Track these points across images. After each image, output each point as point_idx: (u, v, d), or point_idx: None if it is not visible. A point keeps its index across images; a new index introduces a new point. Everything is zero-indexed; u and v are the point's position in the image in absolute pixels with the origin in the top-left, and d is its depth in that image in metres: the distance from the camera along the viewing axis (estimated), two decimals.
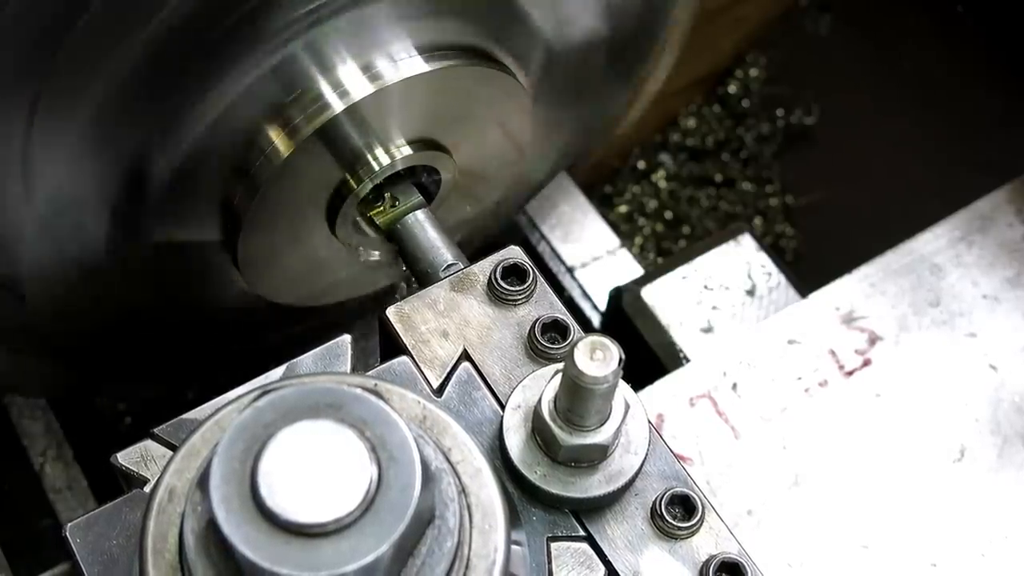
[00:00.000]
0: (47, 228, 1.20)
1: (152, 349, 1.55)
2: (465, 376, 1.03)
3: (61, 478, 1.71)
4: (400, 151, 1.30)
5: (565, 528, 0.97)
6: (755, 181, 2.42)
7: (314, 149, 1.24)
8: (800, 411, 1.45)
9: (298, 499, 0.72)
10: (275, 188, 1.25)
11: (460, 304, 1.07)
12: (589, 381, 0.87)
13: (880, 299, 1.54)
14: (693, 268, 1.64)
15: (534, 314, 1.06)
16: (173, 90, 1.15)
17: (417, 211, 1.29)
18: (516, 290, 1.07)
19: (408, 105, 1.27)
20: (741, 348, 1.49)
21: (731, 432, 1.43)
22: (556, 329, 1.05)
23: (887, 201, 2.37)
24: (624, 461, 0.96)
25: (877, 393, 1.47)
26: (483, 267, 1.09)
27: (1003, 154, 2.39)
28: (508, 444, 0.96)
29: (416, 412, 0.86)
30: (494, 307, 1.07)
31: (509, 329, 1.06)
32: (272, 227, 1.31)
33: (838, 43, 2.56)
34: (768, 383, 1.46)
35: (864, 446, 1.43)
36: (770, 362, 1.48)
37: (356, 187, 1.29)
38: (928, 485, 1.41)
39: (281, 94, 1.21)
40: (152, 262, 1.32)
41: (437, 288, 1.09)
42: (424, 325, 1.06)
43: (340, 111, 1.22)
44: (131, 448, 0.99)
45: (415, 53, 1.25)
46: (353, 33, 1.20)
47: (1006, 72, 2.47)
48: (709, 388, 1.46)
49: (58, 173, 1.16)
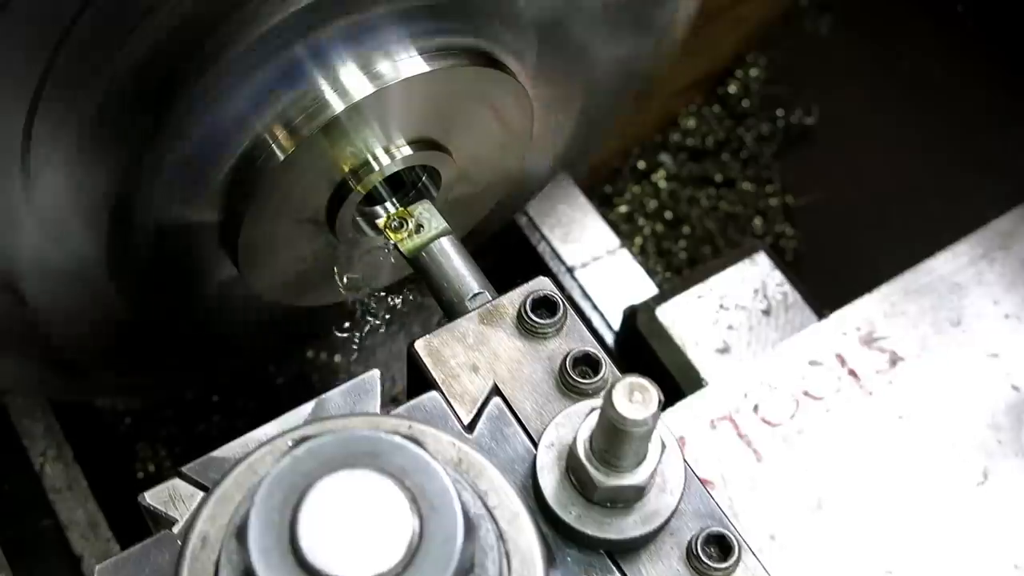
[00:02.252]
0: (46, 224, 1.20)
1: (151, 351, 1.55)
2: (496, 412, 1.02)
3: (61, 478, 1.71)
4: (400, 151, 1.30)
5: (600, 569, 0.96)
6: (755, 181, 2.42)
7: (314, 149, 1.24)
8: (822, 433, 1.44)
9: (339, 552, 0.71)
10: (275, 188, 1.25)
11: (490, 337, 1.06)
12: (629, 424, 0.86)
13: (900, 319, 1.52)
14: (708, 287, 1.63)
15: (564, 347, 1.05)
16: (172, 90, 1.15)
17: (442, 238, 1.27)
18: (546, 323, 1.06)
19: (408, 105, 1.27)
20: (761, 369, 1.48)
21: (753, 455, 1.42)
22: (587, 363, 1.04)
23: (887, 201, 2.37)
24: (660, 501, 0.95)
25: (899, 415, 1.46)
26: (512, 299, 1.08)
27: (1003, 154, 2.40)
28: (542, 483, 0.95)
29: (451, 455, 0.85)
30: (524, 340, 1.06)
31: (540, 363, 1.05)
32: (272, 227, 1.31)
33: (838, 43, 2.56)
34: (789, 405, 1.45)
35: (886, 468, 1.42)
36: (791, 383, 1.47)
37: (356, 187, 1.29)
38: (952, 508, 1.40)
39: (281, 94, 1.20)
40: (150, 262, 1.32)
41: (466, 321, 1.07)
42: (453, 359, 1.05)
43: (340, 111, 1.22)
44: (159, 487, 0.97)
45: (415, 53, 1.25)
46: (353, 33, 1.20)
47: (1006, 72, 2.47)
48: (730, 410, 1.45)
49: (57, 171, 1.16)
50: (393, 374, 2.09)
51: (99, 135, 1.14)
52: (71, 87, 1.08)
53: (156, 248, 1.30)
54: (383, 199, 1.40)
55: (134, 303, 1.38)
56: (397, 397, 2.07)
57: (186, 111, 1.17)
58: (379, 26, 1.21)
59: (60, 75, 1.06)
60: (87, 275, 1.29)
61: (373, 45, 1.22)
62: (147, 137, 1.18)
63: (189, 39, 1.11)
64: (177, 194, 1.25)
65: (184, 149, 1.20)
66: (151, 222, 1.27)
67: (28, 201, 1.16)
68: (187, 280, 1.40)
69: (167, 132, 1.18)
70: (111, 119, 1.13)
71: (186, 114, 1.17)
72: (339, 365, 2.09)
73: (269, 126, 1.22)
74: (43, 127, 1.10)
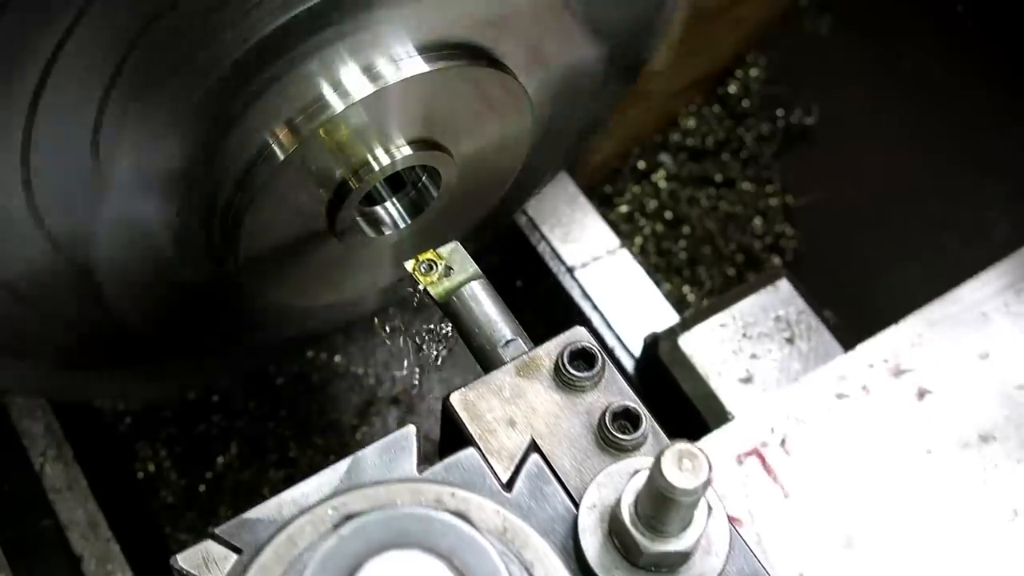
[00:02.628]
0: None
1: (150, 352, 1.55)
2: (535, 469, 1.01)
3: (61, 478, 1.71)
4: (400, 151, 1.30)
5: None
6: (755, 181, 2.42)
7: (314, 149, 1.24)
8: (850, 468, 1.42)
9: None
10: (275, 187, 1.25)
11: (526, 390, 1.05)
12: (679, 494, 0.85)
13: (928, 350, 1.49)
14: (730, 315, 1.62)
15: (603, 401, 1.04)
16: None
17: (473, 282, 1.24)
18: (584, 376, 1.05)
19: (408, 105, 1.28)
20: (788, 402, 1.45)
21: (780, 491, 1.39)
22: (627, 417, 1.02)
23: (887, 201, 2.37)
24: (705, 564, 0.94)
25: (928, 449, 1.43)
26: (548, 350, 1.07)
27: (1003, 154, 2.40)
28: (584, 546, 0.94)
29: (496, 524, 0.85)
30: (561, 393, 1.05)
31: (578, 417, 1.03)
32: (272, 226, 1.31)
33: (838, 43, 2.56)
34: (817, 439, 1.43)
35: (916, 505, 1.40)
36: (818, 417, 1.44)
37: (356, 187, 1.29)
38: (983, 545, 1.38)
39: (281, 93, 1.21)
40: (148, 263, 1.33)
41: (502, 373, 1.06)
42: (490, 413, 1.04)
43: (340, 111, 1.22)
44: (191, 551, 0.95)
45: (415, 53, 1.25)
46: (354, 33, 1.20)
47: (1006, 72, 2.47)
48: (757, 444, 1.42)
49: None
50: (393, 374, 2.10)
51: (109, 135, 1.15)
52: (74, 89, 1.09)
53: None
54: (383, 199, 1.41)
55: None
56: (398, 397, 2.08)
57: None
58: (379, 26, 1.21)
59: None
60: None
61: (373, 45, 1.22)
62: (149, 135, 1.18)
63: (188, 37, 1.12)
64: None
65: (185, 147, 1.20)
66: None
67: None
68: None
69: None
70: (111, 119, 1.14)
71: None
72: (339, 365, 2.09)
73: (268, 126, 1.22)
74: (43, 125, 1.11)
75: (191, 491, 1.99)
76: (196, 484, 2.00)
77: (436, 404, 2.07)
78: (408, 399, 2.07)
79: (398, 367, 2.09)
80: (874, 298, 2.26)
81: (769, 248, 2.36)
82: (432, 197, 1.40)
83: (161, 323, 1.47)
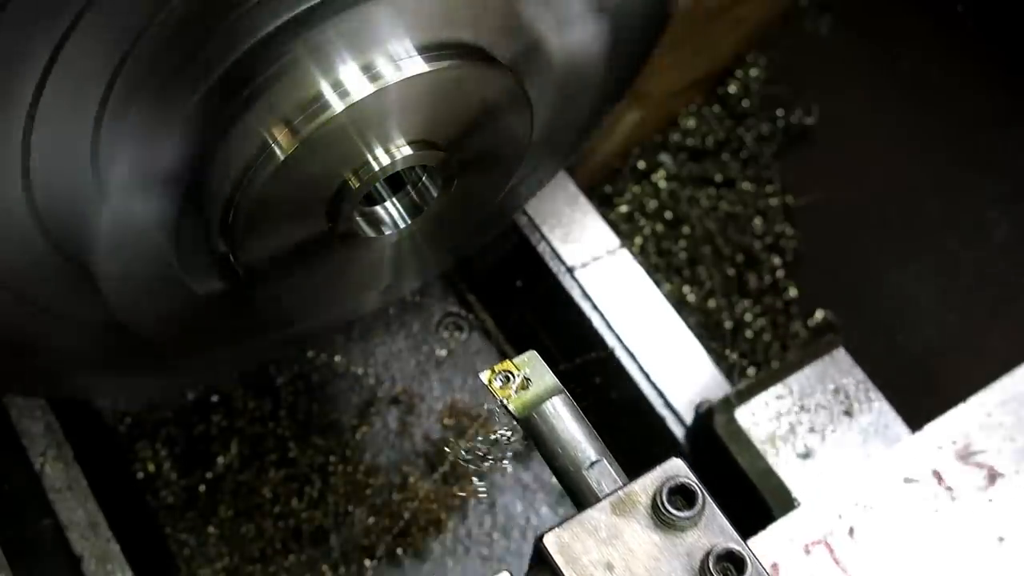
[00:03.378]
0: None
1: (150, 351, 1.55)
2: None
3: (61, 478, 1.71)
4: (400, 151, 1.30)
5: None
6: (755, 181, 2.42)
7: (314, 149, 1.24)
8: (920, 557, 1.37)
9: None
10: (275, 187, 1.25)
11: (623, 530, 1.00)
12: None
13: (998, 431, 1.44)
14: (787, 387, 1.61)
15: (704, 541, 0.99)
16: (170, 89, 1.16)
17: (554, 397, 1.15)
18: (685, 515, 0.99)
19: (408, 105, 1.27)
20: (855, 488, 1.41)
21: None
22: (731, 560, 0.97)
23: (887, 201, 2.38)
24: None
25: (1000, 536, 1.38)
26: (645, 486, 1.01)
27: (1003, 154, 2.40)
28: None
29: None
30: (660, 533, 1.00)
31: (678, 559, 0.98)
32: (272, 227, 1.32)
33: (838, 43, 2.57)
34: (886, 527, 1.38)
35: None
36: (886, 503, 1.39)
37: (356, 187, 1.29)
38: None
39: (281, 94, 1.21)
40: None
41: (597, 512, 1.01)
42: (586, 555, 0.99)
43: (340, 111, 1.22)
44: None
45: (415, 53, 1.25)
46: (353, 33, 1.20)
47: (1005, 72, 2.48)
48: (824, 533, 1.37)
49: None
50: (393, 374, 2.10)
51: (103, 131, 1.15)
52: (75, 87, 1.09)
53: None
54: (383, 199, 1.41)
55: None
56: (398, 397, 2.08)
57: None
58: (379, 25, 1.21)
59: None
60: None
61: (373, 45, 1.22)
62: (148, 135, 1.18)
63: (187, 38, 1.12)
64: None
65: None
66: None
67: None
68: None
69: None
70: (111, 117, 1.14)
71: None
72: (339, 365, 2.10)
73: (268, 126, 1.22)
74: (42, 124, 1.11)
75: (191, 491, 1.99)
76: (196, 484, 2.00)
77: (436, 404, 2.07)
78: (408, 399, 2.07)
79: (398, 366, 2.09)
80: (874, 298, 2.27)
81: (769, 248, 2.36)
82: (432, 197, 1.40)
83: (161, 323, 1.47)
